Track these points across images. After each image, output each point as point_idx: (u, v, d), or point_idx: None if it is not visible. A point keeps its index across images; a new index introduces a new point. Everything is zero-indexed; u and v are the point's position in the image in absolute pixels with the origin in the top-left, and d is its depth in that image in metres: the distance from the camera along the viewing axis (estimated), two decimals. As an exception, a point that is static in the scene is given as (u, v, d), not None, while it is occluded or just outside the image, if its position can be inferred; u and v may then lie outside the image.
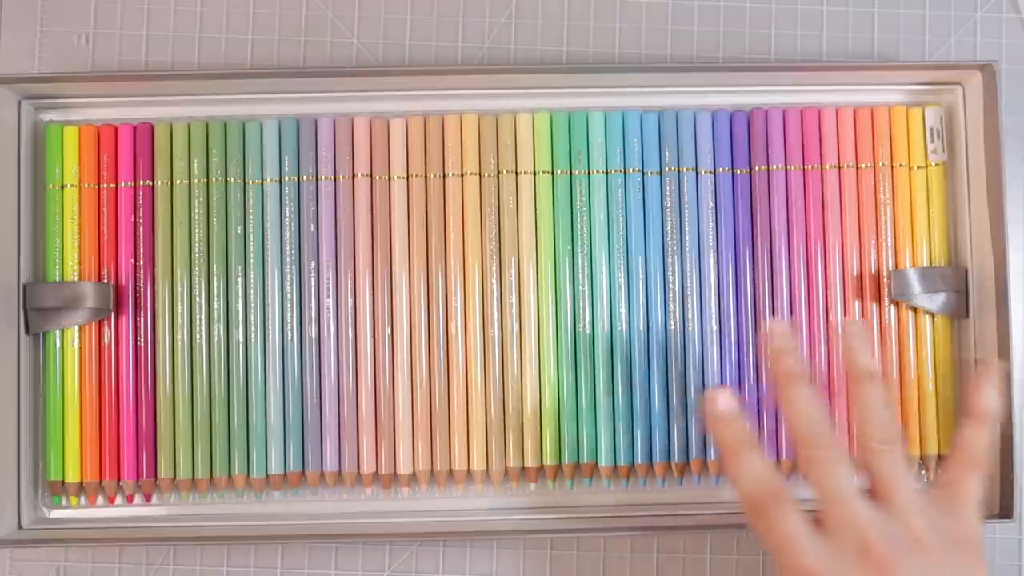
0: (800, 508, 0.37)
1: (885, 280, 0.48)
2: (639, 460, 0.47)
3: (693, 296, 0.48)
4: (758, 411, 0.48)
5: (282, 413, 0.47)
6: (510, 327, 0.47)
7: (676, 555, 0.49)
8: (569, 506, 0.48)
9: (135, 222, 0.48)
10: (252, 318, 0.47)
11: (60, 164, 0.48)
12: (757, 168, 0.49)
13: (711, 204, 0.48)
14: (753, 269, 0.48)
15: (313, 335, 0.47)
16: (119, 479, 0.47)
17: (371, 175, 0.48)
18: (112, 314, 0.47)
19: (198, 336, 0.47)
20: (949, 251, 0.49)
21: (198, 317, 0.47)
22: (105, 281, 0.47)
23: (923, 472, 0.49)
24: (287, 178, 0.48)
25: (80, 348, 0.47)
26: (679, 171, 0.48)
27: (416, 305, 0.48)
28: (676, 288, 0.48)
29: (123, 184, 0.48)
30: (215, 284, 0.47)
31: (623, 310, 0.48)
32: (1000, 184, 0.46)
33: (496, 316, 0.48)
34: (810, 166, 0.49)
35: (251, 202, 0.48)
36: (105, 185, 0.48)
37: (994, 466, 0.46)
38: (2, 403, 0.46)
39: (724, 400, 0.40)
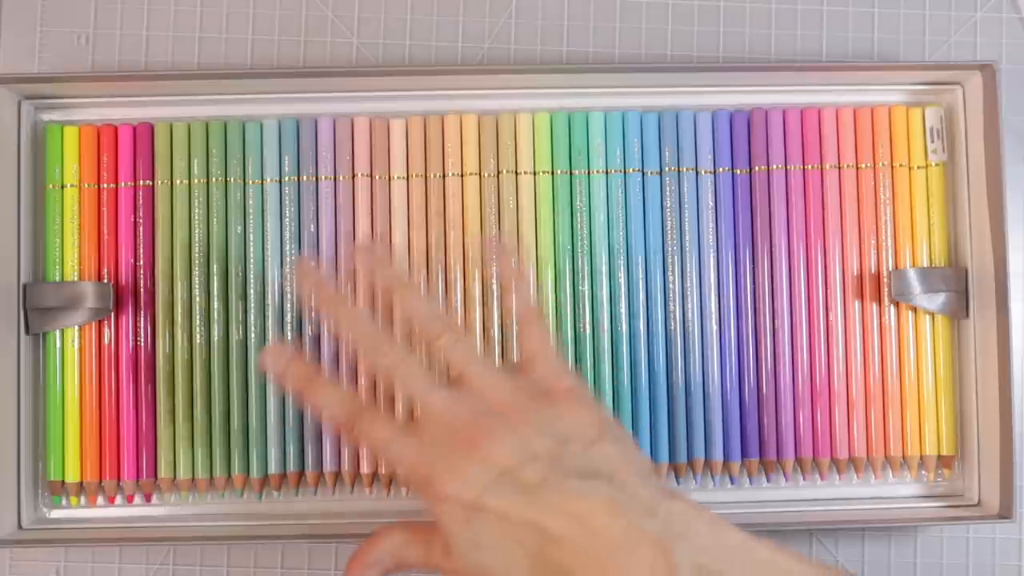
0: (388, 417, 0.38)
1: (885, 280, 0.48)
2: (639, 460, 0.47)
3: (693, 296, 0.48)
4: (758, 410, 0.48)
5: (282, 413, 0.47)
6: (510, 327, 0.47)
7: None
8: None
9: (135, 222, 0.48)
10: (252, 318, 0.47)
11: (60, 164, 0.48)
12: (757, 168, 0.49)
13: (711, 204, 0.48)
14: (753, 269, 0.48)
15: (313, 335, 0.47)
16: (119, 479, 0.47)
17: (371, 175, 0.48)
18: (112, 314, 0.47)
19: (198, 336, 0.47)
20: (949, 251, 0.49)
21: (198, 317, 0.47)
22: (105, 281, 0.47)
23: (923, 472, 0.49)
24: (287, 178, 0.48)
25: (80, 348, 0.47)
26: (679, 171, 0.48)
27: (416, 305, 0.47)
28: (676, 288, 0.48)
29: (123, 184, 0.48)
30: (215, 284, 0.47)
31: (623, 310, 0.48)
32: (1000, 184, 0.46)
33: (496, 316, 0.48)
34: (810, 166, 0.49)
35: (251, 202, 0.48)
36: (105, 185, 0.48)
37: (994, 466, 0.47)
38: (2, 403, 0.46)
39: (277, 351, 0.40)
